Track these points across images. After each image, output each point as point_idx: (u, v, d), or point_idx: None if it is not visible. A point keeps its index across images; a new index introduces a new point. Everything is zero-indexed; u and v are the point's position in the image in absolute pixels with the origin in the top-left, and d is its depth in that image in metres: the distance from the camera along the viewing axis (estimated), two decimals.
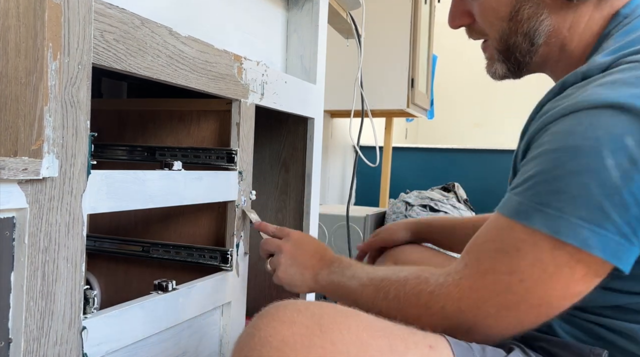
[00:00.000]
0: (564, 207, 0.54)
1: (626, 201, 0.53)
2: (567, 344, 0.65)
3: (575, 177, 0.54)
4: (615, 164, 0.53)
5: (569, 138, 0.56)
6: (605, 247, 0.53)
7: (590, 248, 0.54)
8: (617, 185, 0.53)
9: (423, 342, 0.59)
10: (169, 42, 0.73)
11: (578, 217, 0.54)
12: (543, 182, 0.57)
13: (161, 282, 0.78)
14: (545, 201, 0.56)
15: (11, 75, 0.56)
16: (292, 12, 1.27)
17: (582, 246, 0.54)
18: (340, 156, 3.29)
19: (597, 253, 0.54)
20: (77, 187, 0.60)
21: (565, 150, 0.56)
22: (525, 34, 0.70)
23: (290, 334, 0.54)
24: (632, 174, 0.52)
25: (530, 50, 0.71)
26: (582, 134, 0.55)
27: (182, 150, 0.96)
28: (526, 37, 0.70)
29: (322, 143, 1.32)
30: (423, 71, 2.75)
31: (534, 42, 0.70)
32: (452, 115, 4.67)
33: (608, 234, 0.53)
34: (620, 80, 0.57)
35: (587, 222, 0.53)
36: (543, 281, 0.56)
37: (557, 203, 0.55)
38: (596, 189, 0.53)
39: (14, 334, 0.54)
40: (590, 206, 0.53)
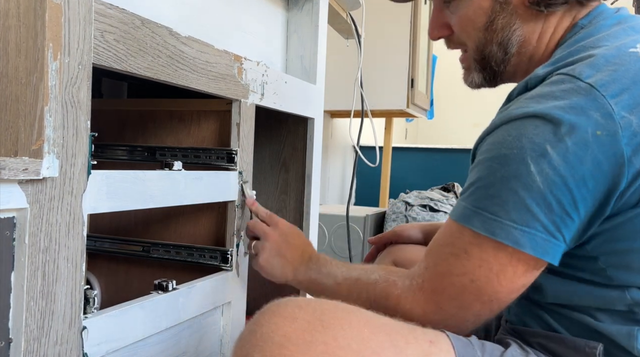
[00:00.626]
0: (498, 211, 0.60)
1: (549, 202, 0.58)
2: (563, 338, 0.66)
3: (504, 183, 0.60)
4: (538, 170, 0.58)
5: (500, 147, 0.61)
6: (535, 245, 0.59)
7: (522, 247, 0.59)
8: (541, 188, 0.58)
9: (423, 338, 0.60)
10: (169, 43, 0.74)
11: (509, 219, 0.59)
12: (480, 188, 0.62)
13: (161, 282, 0.78)
14: (482, 205, 0.61)
15: (11, 76, 0.56)
16: (292, 12, 1.27)
17: (515, 245, 0.59)
18: (340, 156, 3.29)
19: (528, 251, 0.59)
20: (78, 187, 0.60)
21: (496, 159, 0.61)
22: (500, 43, 0.73)
23: (292, 330, 0.55)
24: (553, 178, 0.57)
25: (504, 60, 0.74)
26: (510, 143, 0.60)
27: (182, 151, 0.96)
28: (500, 47, 0.73)
29: (322, 143, 1.32)
30: (423, 71, 2.75)
31: (507, 51, 0.73)
32: (452, 115, 4.67)
33: (536, 233, 0.59)
34: (547, 93, 0.61)
35: (518, 224, 0.59)
36: (490, 279, 0.61)
37: (492, 207, 0.60)
38: (523, 193, 0.58)
39: (14, 334, 0.54)
40: (518, 208, 0.59)
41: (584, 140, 0.57)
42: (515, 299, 0.64)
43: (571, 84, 0.60)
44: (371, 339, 0.56)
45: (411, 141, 4.67)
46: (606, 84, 0.59)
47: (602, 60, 0.61)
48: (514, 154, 0.59)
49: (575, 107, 0.58)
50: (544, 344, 0.67)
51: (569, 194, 0.58)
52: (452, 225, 0.65)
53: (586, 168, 0.57)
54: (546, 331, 0.68)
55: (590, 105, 0.58)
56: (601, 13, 0.70)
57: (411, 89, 2.53)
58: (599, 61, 0.61)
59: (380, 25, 2.48)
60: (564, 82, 0.61)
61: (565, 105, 0.58)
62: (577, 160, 0.57)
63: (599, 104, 0.58)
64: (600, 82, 0.59)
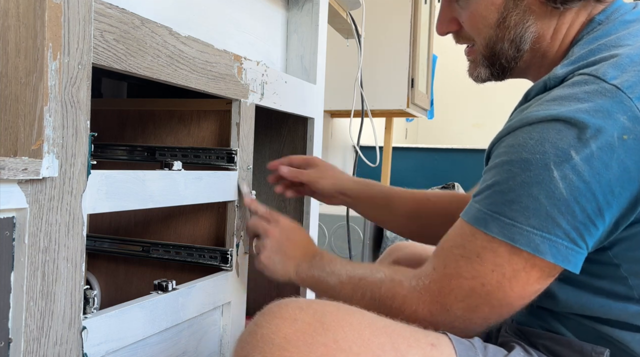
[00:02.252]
0: (517, 217, 0.58)
1: (573, 209, 0.56)
2: (570, 342, 0.65)
3: (525, 188, 0.58)
4: (561, 176, 0.56)
5: (521, 151, 0.59)
6: (556, 252, 0.57)
7: (542, 254, 0.57)
8: (564, 195, 0.56)
9: (425, 340, 0.59)
10: (168, 42, 0.73)
11: (529, 225, 0.58)
12: (498, 193, 0.60)
13: (161, 282, 0.78)
14: (500, 210, 0.59)
15: (11, 75, 0.56)
16: (292, 12, 1.27)
17: (535, 252, 0.58)
18: (340, 156, 3.29)
19: (548, 258, 0.57)
20: (77, 187, 0.60)
21: (517, 163, 0.59)
22: (512, 40, 0.71)
23: (292, 332, 0.54)
24: (577, 184, 0.56)
25: (516, 57, 0.72)
26: (532, 147, 0.58)
27: (182, 150, 0.96)
28: (512, 44, 0.71)
29: (322, 143, 1.32)
30: (423, 71, 2.75)
31: (520, 49, 0.71)
32: (452, 115, 4.67)
33: (558, 240, 0.57)
34: (570, 95, 0.59)
35: (539, 230, 0.57)
36: (502, 284, 0.60)
37: (511, 213, 0.59)
38: (545, 200, 0.57)
39: (14, 334, 0.54)
40: (540, 215, 0.57)
41: (609, 145, 0.55)
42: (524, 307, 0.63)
43: (595, 86, 0.58)
44: (372, 341, 0.56)
45: (411, 141, 4.67)
46: (633, 86, 0.57)
47: (627, 60, 0.59)
48: (536, 159, 0.57)
49: (600, 110, 0.56)
50: (549, 346, 0.67)
51: (594, 201, 0.56)
52: (465, 226, 0.63)
53: (612, 173, 0.56)
54: (552, 333, 0.67)
55: (616, 108, 0.56)
56: (618, 9, 0.68)
57: (411, 89, 2.53)
58: (623, 61, 0.59)
59: (380, 25, 2.48)
60: (587, 83, 0.59)
61: (589, 108, 0.57)
62: (602, 166, 0.56)
63: (625, 106, 0.56)
64: (627, 83, 0.57)
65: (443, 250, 0.66)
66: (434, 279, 0.64)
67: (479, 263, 0.61)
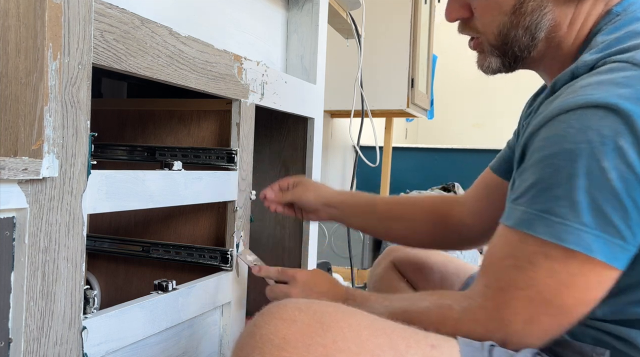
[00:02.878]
0: (566, 214, 0.54)
1: (625, 204, 0.53)
2: (570, 343, 0.65)
3: (573, 181, 0.54)
4: (611, 167, 0.53)
5: (562, 142, 0.55)
6: (608, 251, 0.54)
7: (594, 253, 0.54)
8: (616, 188, 0.53)
9: (425, 342, 0.59)
10: (169, 42, 0.73)
11: (579, 222, 0.54)
12: (544, 190, 0.56)
13: (161, 282, 0.78)
14: (547, 208, 0.56)
15: (11, 75, 0.56)
16: (292, 12, 1.27)
17: (587, 251, 0.54)
18: (340, 156, 3.29)
19: (600, 257, 0.54)
20: (77, 187, 0.60)
21: (560, 155, 0.55)
22: (527, 27, 0.68)
23: (291, 332, 0.54)
24: (628, 176, 0.53)
25: (530, 45, 0.69)
26: (573, 137, 0.55)
27: (182, 150, 0.96)
28: (527, 31, 0.68)
29: (322, 143, 1.32)
30: (423, 71, 2.75)
31: (534, 37, 0.69)
32: (452, 115, 4.67)
33: (611, 239, 0.54)
34: (608, 80, 0.57)
35: (591, 228, 0.53)
36: (560, 291, 0.56)
37: (559, 209, 0.55)
38: (595, 193, 0.53)
39: (14, 334, 0.54)
40: (590, 210, 0.53)
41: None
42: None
43: (634, 72, 0.56)
44: (371, 342, 0.55)
45: (411, 141, 4.67)
46: None
47: None
48: (581, 149, 0.54)
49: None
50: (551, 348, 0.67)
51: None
52: (510, 234, 0.60)
53: None
54: None
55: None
56: (633, 2, 0.67)
57: (411, 89, 2.53)
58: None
59: (380, 25, 2.48)
60: (625, 69, 0.57)
61: (631, 94, 0.54)
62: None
63: None
64: None
65: (492, 264, 0.62)
66: (488, 296, 0.61)
67: (533, 271, 0.57)
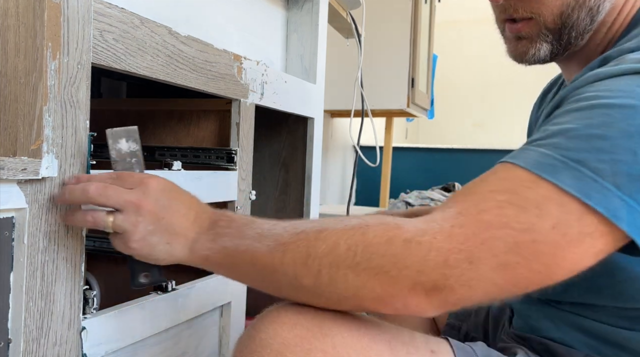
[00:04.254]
0: (604, 170, 0.49)
1: None
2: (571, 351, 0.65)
3: (626, 139, 0.49)
4: None
5: (624, 96, 0.51)
6: (632, 221, 0.49)
7: (619, 220, 0.49)
8: None
9: (425, 347, 0.58)
10: (168, 42, 0.73)
11: (613, 183, 0.49)
12: (584, 138, 0.51)
13: None
14: (582, 158, 0.50)
15: (10, 75, 0.56)
16: (292, 11, 1.27)
17: (611, 216, 0.49)
18: (340, 156, 3.29)
19: (623, 226, 0.49)
20: None
21: (619, 108, 0.50)
22: (591, 8, 0.63)
23: (291, 337, 0.53)
24: None
25: (586, 30, 0.65)
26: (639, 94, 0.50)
27: (182, 150, 0.96)
28: (589, 13, 0.64)
29: (322, 143, 1.32)
30: (423, 71, 2.75)
31: (593, 20, 0.64)
32: (452, 115, 4.67)
33: (637, 207, 0.49)
34: None
35: (621, 191, 0.49)
36: (559, 247, 0.49)
37: (597, 163, 0.49)
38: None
39: (14, 335, 0.54)
40: (631, 174, 0.49)
41: None
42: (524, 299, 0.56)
43: None
44: (371, 348, 0.54)
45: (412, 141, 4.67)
46: None
47: None
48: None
49: None
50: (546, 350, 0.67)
51: None
52: (515, 171, 0.52)
53: None
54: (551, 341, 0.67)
55: None
56: None
57: (411, 89, 2.53)
58: None
59: (380, 25, 2.48)
60: None
61: None
62: None
63: None
64: None
65: (475, 193, 0.53)
66: (461, 223, 0.50)
67: (537, 215, 0.49)
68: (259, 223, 0.58)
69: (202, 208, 0.63)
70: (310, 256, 0.52)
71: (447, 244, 0.49)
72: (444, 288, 0.49)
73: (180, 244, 0.60)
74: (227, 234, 0.58)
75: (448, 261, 0.49)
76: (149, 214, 0.58)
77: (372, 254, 0.50)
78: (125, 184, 0.59)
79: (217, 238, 0.59)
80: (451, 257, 0.49)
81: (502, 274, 0.49)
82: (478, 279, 0.49)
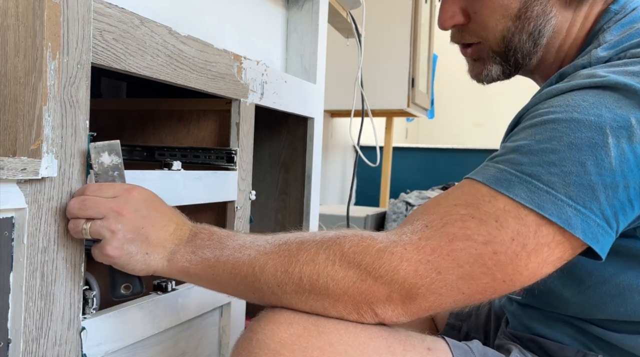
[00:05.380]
0: (555, 183, 0.52)
1: (617, 182, 0.51)
2: (562, 347, 0.65)
3: (573, 151, 0.52)
4: (615, 143, 0.51)
5: (571, 111, 0.53)
6: (587, 228, 0.51)
7: (572, 228, 0.51)
8: (613, 165, 0.51)
9: (421, 345, 0.58)
10: (168, 42, 0.73)
11: (565, 194, 0.51)
12: (536, 153, 0.53)
13: (160, 282, 0.78)
14: (535, 172, 0.53)
15: (10, 75, 0.56)
16: (292, 11, 1.27)
17: (565, 225, 0.51)
18: (340, 156, 3.29)
19: (578, 234, 0.51)
20: (76, 187, 0.60)
21: (565, 122, 0.53)
22: (531, 33, 0.67)
23: (287, 336, 0.54)
24: (628, 155, 0.51)
25: (531, 52, 0.68)
26: (585, 109, 0.53)
27: (182, 150, 0.96)
28: (530, 37, 0.67)
29: (322, 143, 1.32)
30: (423, 71, 2.75)
31: (537, 43, 0.67)
32: (453, 115, 4.67)
33: (591, 216, 0.52)
34: (625, 71, 0.56)
35: (574, 201, 0.51)
36: (519, 257, 0.52)
37: (548, 177, 0.52)
38: (591, 167, 0.51)
39: (13, 335, 0.54)
40: (581, 183, 0.51)
41: None
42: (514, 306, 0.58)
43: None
44: (368, 345, 0.55)
45: (412, 141, 4.67)
46: None
47: None
48: (590, 122, 0.52)
49: None
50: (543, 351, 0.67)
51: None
52: (475, 186, 0.55)
53: None
54: (544, 339, 0.67)
55: None
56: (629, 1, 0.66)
57: (412, 89, 2.53)
58: None
59: (380, 24, 2.48)
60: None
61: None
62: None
63: None
64: None
65: (440, 206, 0.56)
66: (427, 236, 0.53)
67: (497, 228, 0.52)
68: (240, 235, 0.60)
69: (182, 221, 0.64)
70: (292, 264, 0.55)
71: (416, 255, 0.53)
72: (417, 296, 0.53)
73: (159, 254, 0.61)
74: (208, 245, 0.60)
75: (418, 270, 0.52)
76: (129, 222, 0.59)
77: (349, 263, 0.54)
78: (106, 194, 0.60)
79: (197, 250, 0.60)
80: (420, 267, 0.52)
81: (468, 283, 0.53)
82: (446, 287, 0.53)
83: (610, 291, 0.61)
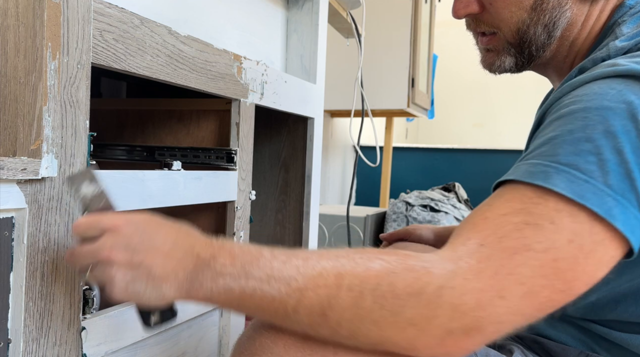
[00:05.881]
0: (593, 171, 0.49)
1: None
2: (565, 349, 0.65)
3: (608, 138, 0.49)
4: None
5: (601, 99, 0.52)
6: (626, 220, 0.48)
7: (614, 219, 0.48)
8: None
9: None
10: (168, 42, 0.73)
11: (604, 183, 0.48)
12: (570, 142, 0.51)
13: None
14: (571, 161, 0.49)
15: (10, 75, 0.56)
16: (292, 11, 1.27)
17: (608, 217, 0.48)
18: (340, 156, 3.29)
19: (619, 226, 0.48)
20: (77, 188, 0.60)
21: (596, 110, 0.51)
22: (546, 25, 0.66)
23: (292, 341, 0.52)
24: None
25: (545, 44, 0.68)
26: (614, 96, 0.51)
27: (182, 150, 0.96)
28: (545, 29, 0.66)
29: (322, 143, 1.32)
30: (423, 71, 2.75)
31: (551, 35, 0.67)
32: (452, 115, 4.67)
33: (629, 207, 0.49)
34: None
35: (613, 190, 0.48)
36: (577, 261, 0.48)
37: (586, 165, 0.49)
38: (629, 155, 0.49)
39: (13, 335, 0.54)
40: (620, 172, 0.49)
41: None
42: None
43: None
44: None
45: (412, 141, 4.67)
46: None
47: None
48: (621, 109, 0.50)
49: None
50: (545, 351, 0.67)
51: None
52: (517, 189, 0.51)
53: None
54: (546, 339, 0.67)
55: None
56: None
57: (412, 89, 2.53)
58: None
59: (380, 25, 2.48)
60: None
61: None
62: None
63: None
64: None
65: (489, 220, 0.50)
66: (486, 256, 0.48)
67: (554, 231, 0.48)
68: (266, 260, 0.51)
69: (191, 241, 0.54)
70: (331, 306, 0.48)
71: (478, 283, 0.47)
72: (477, 330, 0.47)
73: (171, 286, 0.53)
74: (230, 273, 0.51)
75: (481, 301, 0.47)
76: (122, 265, 0.52)
77: (401, 307, 0.47)
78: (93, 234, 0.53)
79: (218, 277, 0.52)
80: (483, 297, 0.47)
81: (528, 301, 0.48)
82: (507, 313, 0.47)
83: (624, 291, 0.60)
